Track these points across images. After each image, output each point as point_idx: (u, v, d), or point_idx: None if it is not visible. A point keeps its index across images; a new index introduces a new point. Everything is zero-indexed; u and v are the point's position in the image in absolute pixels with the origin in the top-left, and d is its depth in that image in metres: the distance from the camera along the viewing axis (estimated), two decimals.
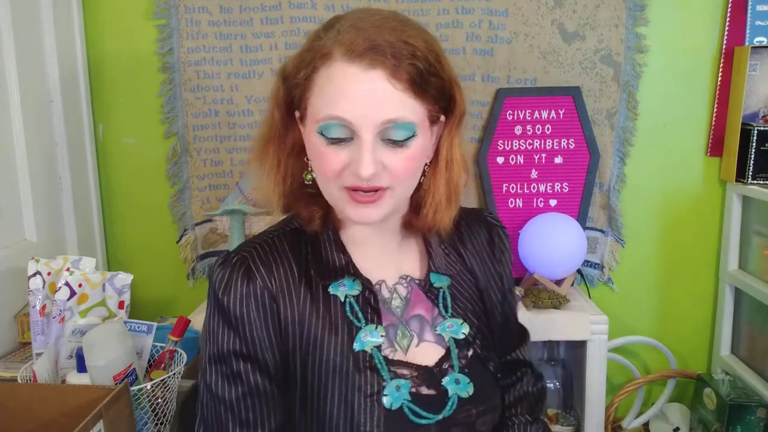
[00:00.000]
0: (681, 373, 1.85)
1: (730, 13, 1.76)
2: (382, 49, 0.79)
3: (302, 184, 0.92)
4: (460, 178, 0.92)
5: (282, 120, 0.90)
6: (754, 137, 1.69)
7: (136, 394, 1.15)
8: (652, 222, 1.88)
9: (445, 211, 0.92)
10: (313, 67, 0.83)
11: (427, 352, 0.92)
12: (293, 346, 0.88)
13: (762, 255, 1.73)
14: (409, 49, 0.80)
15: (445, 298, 0.96)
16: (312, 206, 0.92)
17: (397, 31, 0.81)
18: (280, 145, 0.91)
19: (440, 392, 0.89)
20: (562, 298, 1.63)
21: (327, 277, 0.91)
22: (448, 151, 0.91)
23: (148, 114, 1.84)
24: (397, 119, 0.80)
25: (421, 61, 0.81)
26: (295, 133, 0.91)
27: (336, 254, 0.92)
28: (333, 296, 0.91)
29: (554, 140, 1.78)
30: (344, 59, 0.80)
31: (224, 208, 1.69)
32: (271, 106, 0.91)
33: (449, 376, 0.91)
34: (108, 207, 1.90)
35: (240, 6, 1.78)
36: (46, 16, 1.65)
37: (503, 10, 1.77)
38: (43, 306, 1.25)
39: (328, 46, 0.81)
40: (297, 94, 0.86)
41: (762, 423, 1.60)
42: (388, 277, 0.95)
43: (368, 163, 0.80)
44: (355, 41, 0.80)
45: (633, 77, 1.79)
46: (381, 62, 0.79)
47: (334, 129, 0.81)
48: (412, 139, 0.83)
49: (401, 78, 0.80)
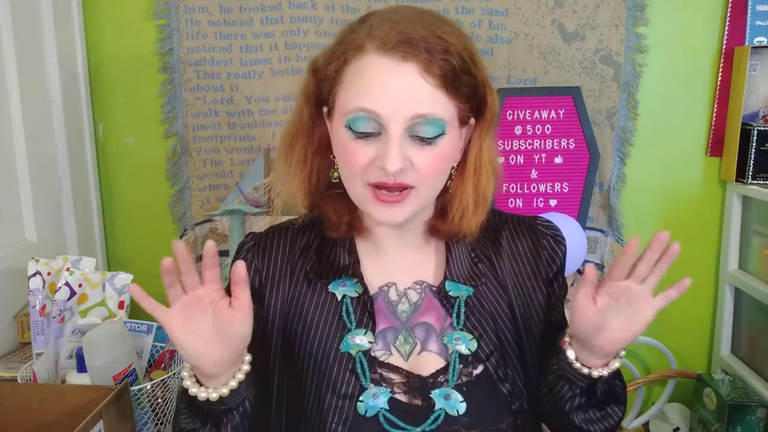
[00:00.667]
0: (681, 373, 1.85)
1: (730, 13, 1.76)
2: (416, 42, 0.78)
3: (328, 182, 0.90)
4: (488, 184, 0.89)
5: (311, 115, 0.89)
6: (754, 137, 1.69)
7: (136, 394, 1.15)
8: (652, 222, 1.88)
9: (472, 216, 0.89)
10: (345, 59, 0.82)
11: (427, 361, 0.88)
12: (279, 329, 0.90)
13: (762, 255, 1.73)
14: (443, 45, 0.79)
15: (460, 309, 0.90)
16: (340, 211, 0.90)
17: (431, 26, 0.80)
18: (307, 140, 0.90)
19: (427, 404, 0.85)
20: None
21: (326, 275, 0.91)
22: (477, 154, 0.88)
23: (148, 114, 1.84)
24: (428, 114, 0.79)
25: (454, 57, 0.79)
26: (322, 129, 0.89)
27: (342, 253, 0.91)
28: (332, 293, 0.90)
29: (554, 140, 1.78)
30: (377, 52, 0.79)
31: (224, 208, 1.69)
32: (299, 101, 0.90)
33: (440, 389, 0.86)
34: (108, 207, 1.90)
35: (240, 6, 1.78)
36: (46, 17, 1.65)
37: (503, 10, 1.77)
38: (43, 306, 1.25)
39: (361, 38, 0.81)
40: (326, 87, 0.85)
41: (762, 423, 1.60)
42: (400, 280, 0.92)
43: (396, 158, 0.78)
44: (388, 34, 0.79)
45: (633, 77, 1.79)
46: (414, 55, 0.78)
47: (362, 122, 0.80)
48: (440, 138, 0.81)
49: (434, 73, 0.78)
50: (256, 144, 1.84)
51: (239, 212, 1.68)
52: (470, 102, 0.84)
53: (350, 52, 0.81)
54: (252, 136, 1.84)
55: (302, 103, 0.89)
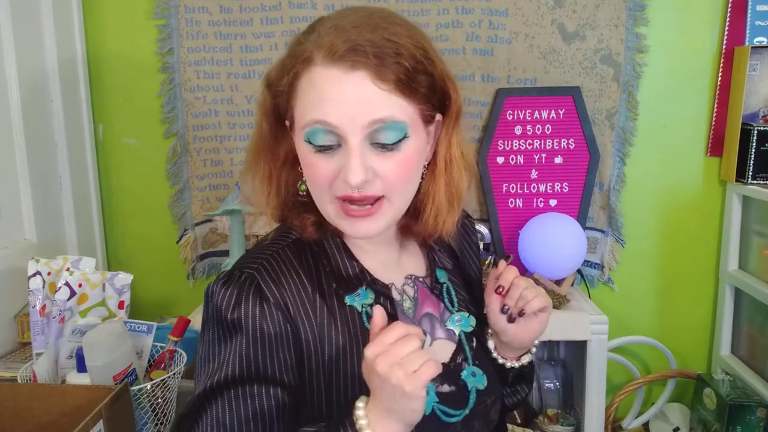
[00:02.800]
0: (681, 373, 1.85)
1: (730, 13, 1.76)
2: (363, 49, 0.75)
3: (297, 194, 0.88)
4: (461, 179, 0.87)
5: (271, 130, 0.86)
6: (754, 137, 1.69)
7: (136, 394, 1.15)
8: (652, 222, 1.88)
9: (447, 215, 0.87)
10: (295, 73, 0.79)
11: (441, 349, 0.90)
12: (316, 366, 0.82)
13: (762, 255, 1.73)
14: (393, 48, 0.76)
15: (450, 292, 0.95)
16: (303, 213, 0.87)
17: (379, 29, 0.77)
18: (271, 156, 0.87)
19: (460, 387, 0.88)
20: (562, 298, 1.63)
21: (345, 288, 0.86)
22: (447, 150, 0.86)
23: (148, 114, 1.84)
24: (386, 119, 0.76)
25: (406, 59, 0.76)
26: (287, 142, 0.86)
27: (348, 262, 0.87)
28: (350, 307, 0.86)
29: (554, 140, 1.78)
30: (325, 62, 0.76)
31: (224, 208, 1.69)
32: (258, 116, 0.87)
33: (465, 370, 0.90)
34: (108, 207, 1.90)
35: (240, 6, 1.78)
36: (46, 17, 1.65)
37: (503, 10, 1.77)
38: (43, 306, 1.25)
39: (308, 50, 0.78)
40: (282, 101, 0.82)
41: (762, 423, 1.60)
42: (395, 279, 0.92)
43: (357, 169, 0.75)
44: (334, 43, 0.76)
45: (633, 77, 1.79)
46: (363, 63, 0.75)
47: (320, 135, 0.77)
48: (403, 142, 0.78)
49: (386, 78, 0.75)
50: None
51: (239, 212, 1.68)
52: (431, 100, 0.81)
53: (299, 65, 0.79)
54: None
55: (261, 118, 0.86)
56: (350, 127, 0.76)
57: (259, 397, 0.77)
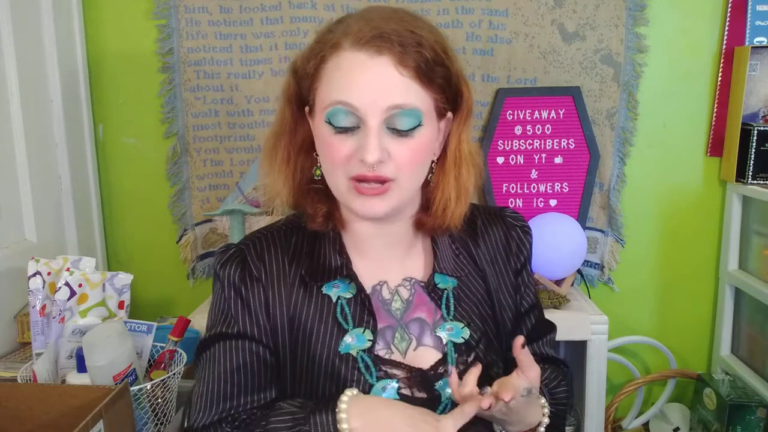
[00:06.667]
0: (681, 373, 1.85)
1: (730, 13, 1.76)
2: (389, 36, 0.81)
3: (311, 180, 0.93)
4: (469, 176, 0.92)
5: (293, 116, 0.92)
6: (754, 137, 1.69)
7: (136, 394, 1.15)
8: (652, 222, 1.88)
9: (455, 208, 0.92)
10: (322, 57, 0.85)
11: (424, 356, 0.91)
12: (283, 338, 0.91)
13: (762, 255, 1.73)
14: (416, 38, 0.82)
15: (449, 300, 0.94)
16: (317, 203, 0.92)
17: (404, 22, 0.84)
18: (290, 139, 0.92)
19: (432, 396, 0.89)
20: (562, 298, 1.63)
21: (320, 277, 0.92)
22: (457, 147, 0.91)
23: (148, 114, 1.84)
24: (403, 105, 0.82)
25: (427, 50, 0.83)
26: (305, 128, 0.92)
27: (333, 255, 0.92)
28: (326, 295, 0.92)
29: (554, 140, 1.78)
30: (352, 47, 0.82)
31: (224, 208, 1.69)
32: (281, 102, 0.93)
33: (443, 380, 0.90)
34: (108, 207, 1.90)
35: (240, 6, 1.78)
36: (46, 16, 1.65)
37: (503, 10, 1.77)
38: (43, 306, 1.25)
39: (337, 36, 0.84)
40: (306, 85, 0.88)
41: (762, 423, 1.60)
42: (390, 278, 0.95)
43: (374, 148, 0.81)
44: (362, 30, 0.82)
45: (633, 77, 1.79)
46: (388, 49, 0.81)
47: (341, 116, 0.83)
48: (417, 129, 0.84)
49: (408, 65, 0.81)
50: (256, 144, 1.84)
51: (239, 212, 1.68)
52: (445, 92, 0.87)
53: (327, 50, 0.84)
54: (252, 136, 1.84)
55: (284, 103, 0.92)
56: (371, 110, 0.82)
57: (247, 348, 0.90)
